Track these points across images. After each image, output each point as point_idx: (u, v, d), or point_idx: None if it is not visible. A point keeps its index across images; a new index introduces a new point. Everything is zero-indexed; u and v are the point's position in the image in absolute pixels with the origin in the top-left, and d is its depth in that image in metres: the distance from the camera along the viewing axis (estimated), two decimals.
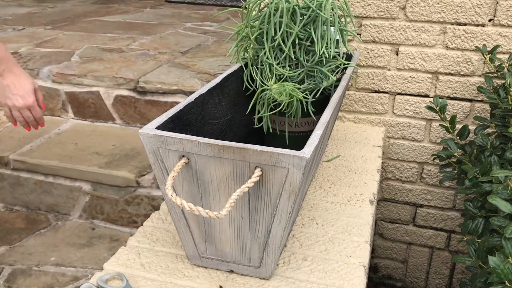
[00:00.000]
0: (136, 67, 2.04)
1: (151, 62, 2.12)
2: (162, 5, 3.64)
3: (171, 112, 0.86)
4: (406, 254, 1.82)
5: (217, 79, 1.06)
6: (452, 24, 1.46)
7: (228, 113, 1.11)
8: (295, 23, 1.11)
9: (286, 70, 1.11)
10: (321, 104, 1.12)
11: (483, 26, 1.44)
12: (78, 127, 2.02)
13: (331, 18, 1.12)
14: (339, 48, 1.16)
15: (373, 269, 1.87)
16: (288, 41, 1.11)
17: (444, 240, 1.74)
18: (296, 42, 1.10)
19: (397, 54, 1.54)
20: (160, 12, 3.37)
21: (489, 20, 1.44)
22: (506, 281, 0.83)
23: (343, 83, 1.10)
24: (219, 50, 2.39)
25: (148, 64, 2.08)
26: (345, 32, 1.17)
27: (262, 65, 1.14)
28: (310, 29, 1.11)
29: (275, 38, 1.10)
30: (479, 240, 1.10)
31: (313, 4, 1.10)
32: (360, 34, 1.54)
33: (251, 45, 1.16)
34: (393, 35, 1.52)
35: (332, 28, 1.12)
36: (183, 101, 0.92)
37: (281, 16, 1.09)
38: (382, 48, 1.55)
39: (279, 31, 1.09)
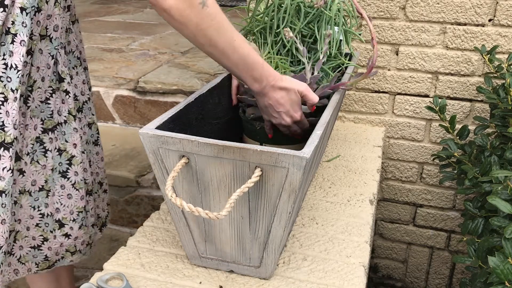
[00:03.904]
0: (136, 67, 2.04)
1: (151, 62, 2.12)
2: None
3: (171, 112, 0.86)
4: (406, 254, 1.82)
5: (217, 79, 1.06)
6: (452, 24, 1.46)
7: (228, 113, 1.11)
8: (299, 20, 1.11)
9: (287, 65, 1.11)
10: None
11: (483, 26, 1.44)
12: None
13: (335, 18, 1.12)
14: (341, 48, 1.17)
15: (373, 269, 1.87)
16: None
17: (444, 240, 1.74)
18: (299, 38, 1.11)
19: (397, 54, 1.54)
20: None
21: (489, 20, 1.44)
22: (506, 281, 0.83)
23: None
24: None
25: (148, 64, 2.08)
26: (349, 33, 1.17)
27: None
28: (314, 27, 1.12)
29: (277, 31, 1.11)
30: (479, 240, 1.11)
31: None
32: (360, 34, 1.54)
33: (254, 38, 1.16)
34: (393, 35, 1.52)
35: (336, 28, 1.13)
36: (183, 101, 0.92)
37: (285, 12, 1.10)
38: (382, 48, 1.55)
39: (282, 26, 1.10)
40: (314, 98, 0.92)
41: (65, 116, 1.02)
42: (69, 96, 1.02)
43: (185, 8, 0.74)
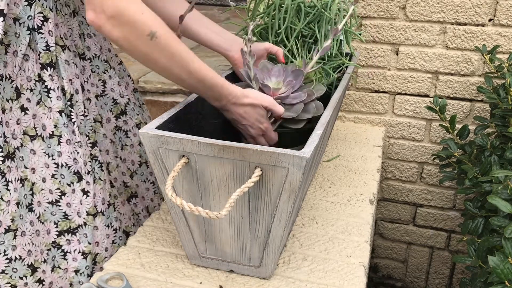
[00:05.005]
0: (136, 67, 2.04)
1: None
2: None
3: (171, 112, 0.86)
4: (406, 254, 1.82)
5: None
6: (452, 24, 1.46)
7: None
8: (299, 21, 1.12)
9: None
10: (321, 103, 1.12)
11: (483, 26, 1.44)
12: None
13: (336, 18, 1.13)
14: (342, 48, 1.17)
15: (373, 269, 1.87)
16: (291, 37, 1.12)
17: (444, 240, 1.74)
18: (299, 38, 1.11)
19: (397, 54, 1.54)
20: None
21: (489, 20, 1.44)
22: (506, 281, 0.83)
23: (343, 83, 1.10)
24: None
25: None
26: (349, 33, 1.17)
27: None
28: (314, 27, 1.12)
29: (278, 32, 1.11)
30: (479, 240, 1.11)
31: (319, 4, 1.11)
32: (360, 34, 1.54)
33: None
34: (393, 35, 1.52)
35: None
36: (183, 101, 0.92)
37: (286, 12, 1.10)
38: (382, 48, 1.55)
39: (283, 26, 1.11)
40: (279, 110, 0.93)
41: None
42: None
43: (132, 39, 0.75)
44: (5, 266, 0.89)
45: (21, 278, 0.92)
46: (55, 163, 0.94)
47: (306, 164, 0.71)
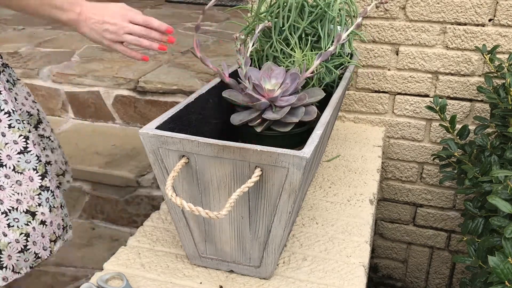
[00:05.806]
0: (136, 67, 2.04)
1: (151, 62, 2.12)
2: (162, 5, 3.64)
3: (171, 112, 0.86)
4: (406, 254, 1.82)
5: (217, 79, 1.06)
6: (452, 24, 1.46)
7: (228, 113, 1.11)
8: (302, 20, 1.12)
9: (290, 63, 1.12)
10: (321, 103, 1.12)
11: (483, 26, 1.44)
12: (78, 127, 2.02)
13: (338, 18, 1.13)
14: (344, 47, 1.17)
15: (373, 269, 1.87)
16: (295, 35, 1.12)
17: (444, 240, 1.74)
18: (303, 36, 1.12)
19: (397, 54, 1.54)
20: (160, 12, 3.36)
21: (489, 20, 1.44)
22: (506, 281, 0.83)
23: (343, 83, 1.10)
24: (219, 50, 2.39)
25: (148, 64, 2.08)
26: (351, 33, 1.18)
27: (267, 59, 1.15)
28: (317, 25, 1.13)
29: (283, 28, 1.12)
30: (479, 240, 1.11)
31: (321, 2, 1.12)
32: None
33: (259, 37, 1.17)
34: (393, 35, 1.52)
35: (338, 27, 1.14)
36: (183, 101, 0.92)
37: (290, 11, 1.10)
38: (382, 48, 1.55)
39: (287, 24, 1.11)
40: (135, 14, 0.90)
41: None
42: None
43: None
44: (7, 220, 0.94)
45: (27, 224, 0.96)
46: (5, 113, 0.95)
47: (306, 164, 0.71)
